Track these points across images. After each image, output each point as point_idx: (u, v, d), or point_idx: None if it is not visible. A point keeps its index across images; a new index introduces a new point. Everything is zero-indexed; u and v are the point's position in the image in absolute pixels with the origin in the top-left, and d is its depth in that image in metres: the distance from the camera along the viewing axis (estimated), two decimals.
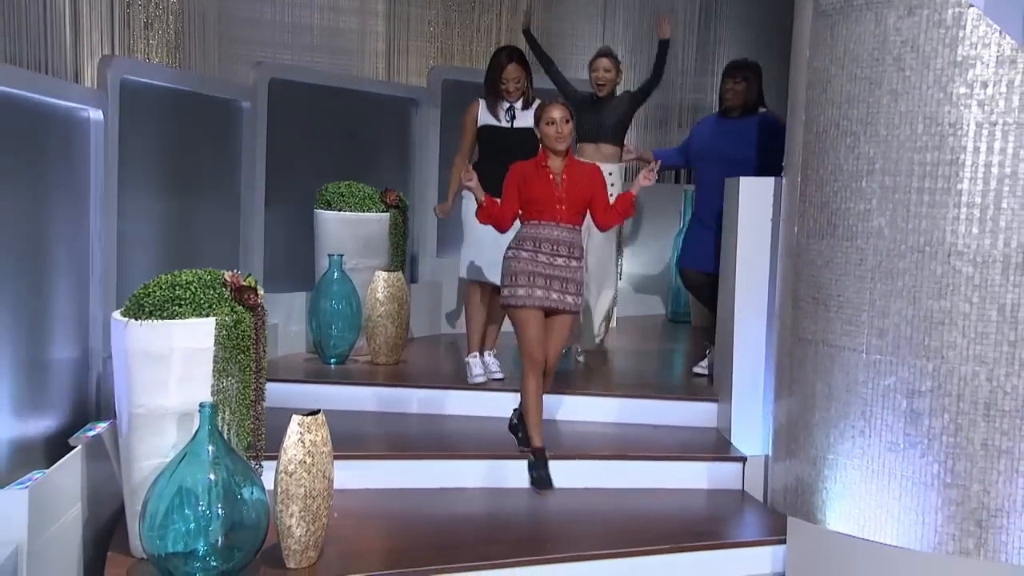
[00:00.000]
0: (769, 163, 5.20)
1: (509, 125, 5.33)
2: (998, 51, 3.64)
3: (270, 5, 6.21)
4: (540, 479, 4.34)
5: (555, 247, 4.38)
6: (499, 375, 5.29)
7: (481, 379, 5.21)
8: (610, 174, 5.35)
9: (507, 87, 5.28)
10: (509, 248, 4.45)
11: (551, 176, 4.41)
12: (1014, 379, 3.67)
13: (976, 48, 3.67)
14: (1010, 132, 3.64)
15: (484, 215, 4.45)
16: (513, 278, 4.36)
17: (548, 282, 4.34)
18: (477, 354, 5.29)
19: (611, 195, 4.95)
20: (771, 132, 5.34)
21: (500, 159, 4.99)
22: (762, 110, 5.65)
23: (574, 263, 4.39)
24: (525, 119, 5.20)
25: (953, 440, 3.77)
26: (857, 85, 3.96)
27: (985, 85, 3.67)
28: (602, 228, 4.70)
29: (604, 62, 5.68)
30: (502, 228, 4.50)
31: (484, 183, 4.81)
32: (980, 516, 3.73)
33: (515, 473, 4.51)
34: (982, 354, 3.71)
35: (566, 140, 4.36)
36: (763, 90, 5.69)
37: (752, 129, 5.46)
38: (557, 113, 4.36)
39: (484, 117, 5.38)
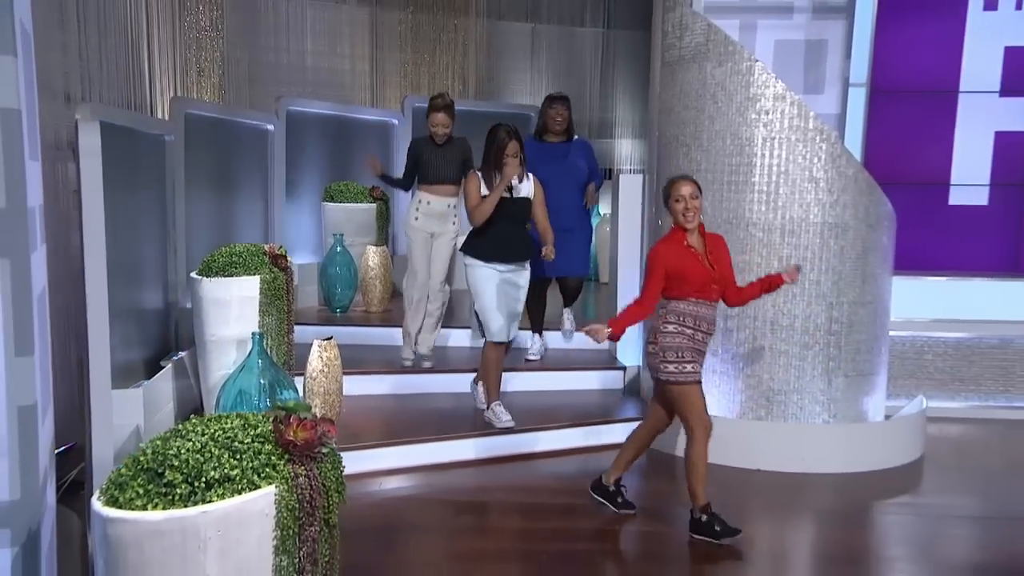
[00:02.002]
0: (589, 178, 5.14)
1: (510, 196, 4.35)
2: (775, 91, 4.26)
3: (286, 54, 6.39)
4: (725, 530, 3.45)
5: (709, 325, 3.49)
6: (511, 423, 4.46)
7: (511, 423, 4.43)
8: (454, 206, 4.88)
9: (507, 161, 4.30)
10: (667, 323, 3.45)
11: (699, 257, 3.46)
12: (789, 305, 4.33)
13: (761, 88, 4.28)
14: (784, 144, 4.27)
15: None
16: (679, 354, 3.41)
17: (697, 356, 3.47)
18: (499, 402, 4.51)
19: (454, 223, 4.81)
20: (591, 153, 5.23)
21: (498, 228, 4.35)
22: (576, 137, 5.28)
23: (709, 337, 3.55)
24: (521, 190, 4.39)
25: (751, 347, 4.41)
26: (689, 112, 4.49)
27: (767, 113, 4.27)
28: (735, 305, 3.70)
29: (442, 117, 4.80)
30: (648, 315, 3.50)
31: (482, 250, 4.30)
32: (768, 395, 4.39)
33: (468, 383, 4.94)
34: None
35: (696, 217, 3.43)
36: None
37: (576, 151, 5.16)
38: (687, 190, 3.42)
39: (484, 189, 4.38)
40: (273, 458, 1.91)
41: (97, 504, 1.80)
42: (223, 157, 5.48)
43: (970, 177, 5.47)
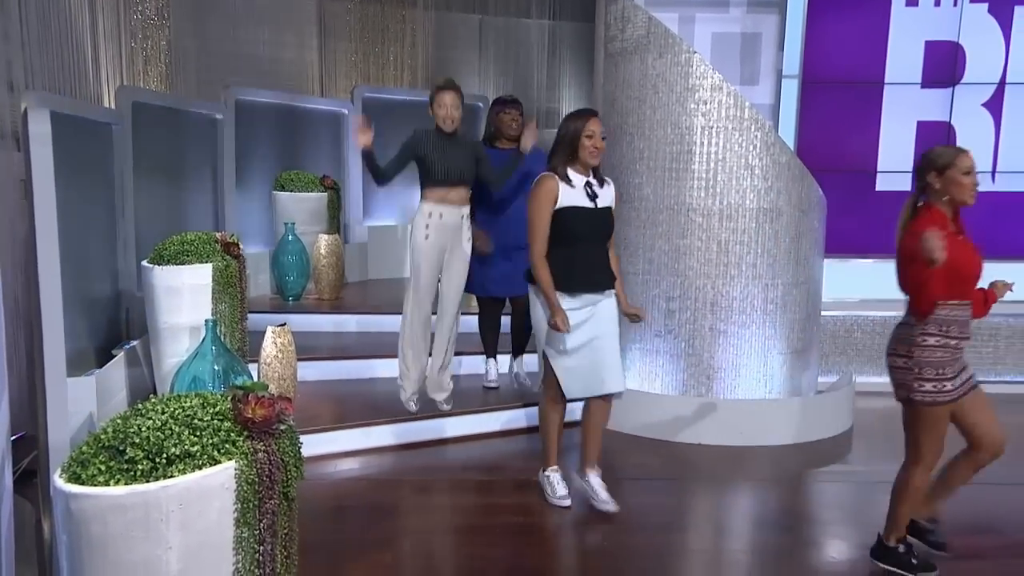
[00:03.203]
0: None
1: (594, 205, 3.35)
2: (712, 81, 4.40)
3: (233, 43, 6.27)
4: (922, 565, 3.01)
5: (968, 330, 2.85)
6: (612, 507, 3.49)
7: (567, 501, 3.55)
8: (467, 216, 4.17)
9: (591, 150, 3.31)
10: (927, 334, 2.79)
11: (969, 245, 2.82)
12: (727, 287, 4.48)
13: (699, 79, 4.41)
14: (721, 132, 4.41)
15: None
16: (940, 371, 2.79)
17: (956, 371, 2.84)
18: (557, 468, 3.64)
19: (468, 239, 4.14)
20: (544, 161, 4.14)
21: (577, 249, 3.33)
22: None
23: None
24: (603, 197, 3.41)
25: (692, 327, 4.55)
26: (631, 102, 4.59)
27: (705, 103, 4.41)
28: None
29: (450, 97, 4.01)
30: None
31: (557, 278, 3.29)
32: (708, 372, 4.54)
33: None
34: (708, 272, 4.48)
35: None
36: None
37: (532, 159, 4.24)
38: (972, 161, 2.82)
39: (567, 196, 3.30)
40: (232, 435, 1.95)
41: (59, 481, 1.82)
42: (172, 146, 5.41)
43: (895, 164, 5.72)
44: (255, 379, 4.11)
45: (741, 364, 4.52)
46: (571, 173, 3.35)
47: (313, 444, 4.02)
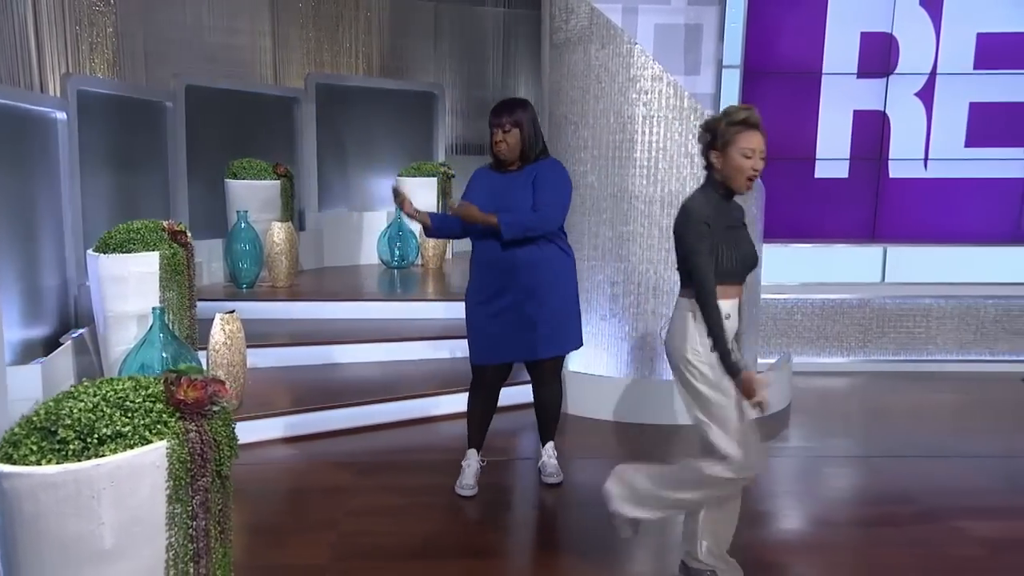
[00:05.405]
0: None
1: None
2: (652, 72, 4.50)
3: (182, 29, 6.21)
4: None
5: None
6: None
7: None
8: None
9: None
10: None
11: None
12: (669, 272, 4.56)
13: (640, 70, 4.50)
14: (662, 122, 4.51)
15: None
16: None
17: None
18: None
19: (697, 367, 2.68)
20: (557, 170, 3.44)
21: None
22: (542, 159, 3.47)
23: None
24: None
25: (636, 311, 4.65)
26: (576, 92, 4.66)
27: (647, 93, 4.50)
28: None
29: (759, 140, 2.69)
30: None
31: None
32: (651, 355, 4.65)
33: (377, 352, 5.06)
34: (650, 257, 4.58)
35: None
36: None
37: (527, 179, 3.41)
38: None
39: None
40: (164, 416, 2.01)
41: None
42: (120, 135, 5.38)
43: (832, 152, 5.90)
44: (205, 366, 4.16)
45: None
46: None
47: (262, 429, 4.13)
